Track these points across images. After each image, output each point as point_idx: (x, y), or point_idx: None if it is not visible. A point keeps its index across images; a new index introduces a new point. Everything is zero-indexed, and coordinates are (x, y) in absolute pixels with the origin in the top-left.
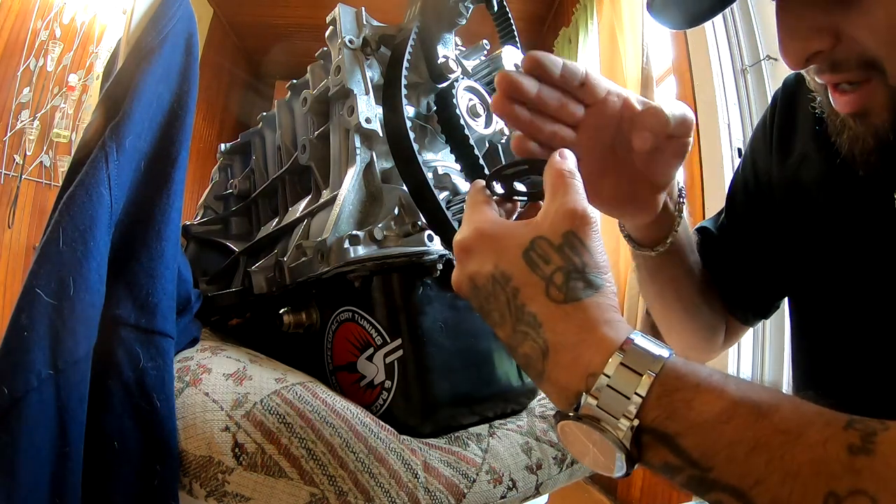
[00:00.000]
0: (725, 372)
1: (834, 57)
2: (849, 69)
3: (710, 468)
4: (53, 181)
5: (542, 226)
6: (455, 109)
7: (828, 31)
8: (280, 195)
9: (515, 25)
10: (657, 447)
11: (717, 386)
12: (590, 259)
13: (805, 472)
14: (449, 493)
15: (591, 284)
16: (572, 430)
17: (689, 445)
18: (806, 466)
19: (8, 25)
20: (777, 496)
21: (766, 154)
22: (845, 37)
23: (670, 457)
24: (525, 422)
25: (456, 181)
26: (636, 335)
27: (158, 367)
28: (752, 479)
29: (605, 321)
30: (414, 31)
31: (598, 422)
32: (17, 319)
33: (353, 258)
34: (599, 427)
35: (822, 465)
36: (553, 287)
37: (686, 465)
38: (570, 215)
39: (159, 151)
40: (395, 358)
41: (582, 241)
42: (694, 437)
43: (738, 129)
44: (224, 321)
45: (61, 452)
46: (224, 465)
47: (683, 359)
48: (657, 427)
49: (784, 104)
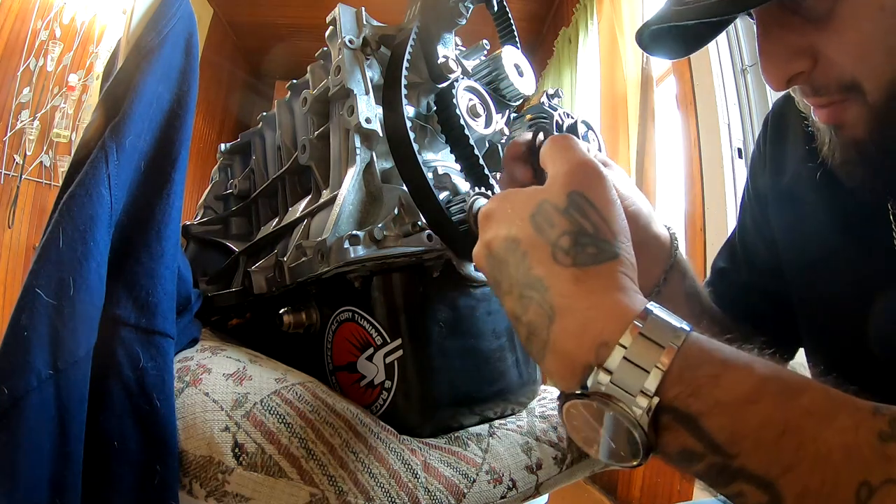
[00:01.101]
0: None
1: (814, 80)
2: (829, 93)
3: (735, 455)
4: (53, 181)
5: (549, 189)
6: (455, 109)
7: (806, 53)
8: (280, 195)
9: (515, 25)
10: (677, 430)
11: (745, 363)
12: (601, 222)
13: (837, 459)
14: (449, 493)
15: (604, 251)
16: (580, 411)
17: (715, 427)
18: (837, 452)
19: (8, 25)
20: (808, 486)
21: (763, 178)
22: (823, 58)
23: (691, 441)
24: (525, 422)
25: (456, 181)
26: (654, 306)
27: (158, 367)
28: (782, 466)
29: (620, 287)
30: (414, 31)
31: (611, 399)
32: (17, 319)
33: (353, 258)
34: (614, 406)
35: (854, 451)
36: (560, 251)
37: (708, 452)
38: (573, 173)
39: (159, 151)
40: (395, 358)
41: (590, 202)
42: (720, 418)
43: (738, 129)
44: (224, 321)
45: (61, 452)
46: (224, 465)
47: (706, 335)
48: (679, 406)
49: (774, 126)
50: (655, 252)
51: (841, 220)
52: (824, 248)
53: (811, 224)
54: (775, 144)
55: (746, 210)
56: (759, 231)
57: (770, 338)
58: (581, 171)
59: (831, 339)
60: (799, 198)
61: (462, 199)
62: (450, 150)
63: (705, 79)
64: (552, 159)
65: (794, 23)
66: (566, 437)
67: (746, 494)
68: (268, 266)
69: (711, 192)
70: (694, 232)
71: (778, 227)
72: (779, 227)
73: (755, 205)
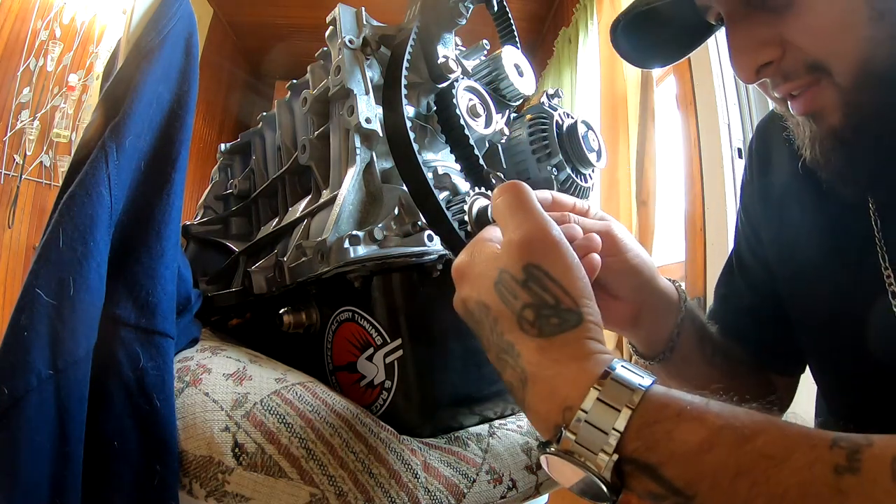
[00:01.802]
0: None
1: (783, 68)
2: (798, 76)
3: (693, 496)
4: (53, 181)
5: (505, 258)
6: (455, 109)
7: (773, 43)
8: (280, 195)
9: (515, 25)
10: (640, 477)
11: (698, 414)
12: (561, 293)
13: (791, 496)
14: (449, 493)
15: (567, 321)
16: (555, 462)
17: (672, 475)
18: (792, 490)
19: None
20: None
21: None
22: (790, 46)
23: (653, 486)
24: (525, 422)
25: (456, 181)
26: (617, 364)
27: (158, 367)
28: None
29: (584, 355)
30: (414, 31)
31: (577, 456)
32: (17, 319)
33: (353, 258)
34: (579, 462)
35: (808, 488)
36: (525, 322)
37: (670, 494)
38: (526, 243)
39: (159, 151)
40: (395, 358)
41: (548, 274)
42: (676, 467)
43: (738, 129)
44: (224, 321)
45: (61, 452)
46: (224, 465)
47: (665, 387)
48: (638, 458)
49: (759, 147)
50: (663, 305)
51: (828, 235)
52: (814, 265)
53: (800, 241)
54: (761, 166)
55: (740, 235)
56: (754, 253)
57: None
58: (534, 241)
59: (831, 355)
60: (787, 216)
61: (462, 199)
62: (450, 150)
63: (705, 79)
64: (503, 218)
65: (760, 16)
66: None
67: None
68: (268, 266)
69: (711, 192)
70: (694, 232)
71: (770, 247)
72: (771, 247)
73: (748, 228)
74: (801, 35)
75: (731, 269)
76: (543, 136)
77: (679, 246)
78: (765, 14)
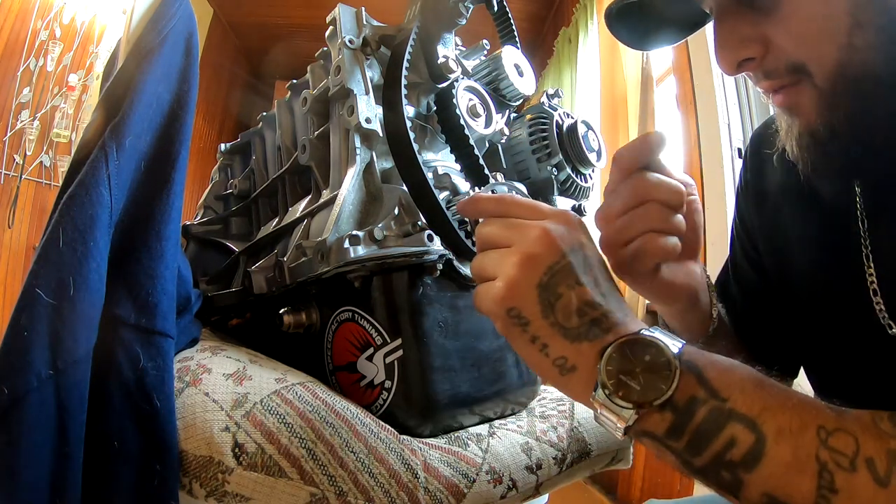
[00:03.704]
0: None
1: (765, 66)
2: (779, 75)
3: (727, 399)
4: (53, 181)
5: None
6: (455, 109)
7: (756, 41)
8: (280, 195)
9: (515, 25)
10: (688, 376)
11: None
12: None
13: (798, 405)
14: (449, 493)
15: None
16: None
17: (712, 376)
18: (798, 404)
19: (8, 25)
20: (781, 424)
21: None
22: (772, 45)
23: (697, 388)
24: (525, 422)
25: (456, 181)
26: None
27: (158, 367)
28: (760, 406)
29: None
30: (414, 31)
31: (658, 341)
32: (17, 319)
33: (353, 258)
34: (658, 344)
35: (812, 405)
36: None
37: (709, 396)
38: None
39: (159, 151)
40: (395, 358)
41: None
42: (715, 371)
43: (738, 129)
44: (224, 321)
45: (61, 452)
46: (224, 465)
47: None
48: (689, 360)
49: (753, 154)
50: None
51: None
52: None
53: (793, 247)
54: (756, 172)
55: (735, 241)
56: (749, 259)
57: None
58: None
59: (823, 358)
60: (781, 222)
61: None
62: (450, 150)
63: (705, 79)
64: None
65: (747, 13)
66: (566, 437)
67: (737, 437)
68: (268, 266)
69: (711, 192)
70: None
71: (765, 253)
72: (765, 253)
73: (743, 234)
74: (783, 37)
75: (726, 274)
76: (543, 135)
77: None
78: (752, 12)
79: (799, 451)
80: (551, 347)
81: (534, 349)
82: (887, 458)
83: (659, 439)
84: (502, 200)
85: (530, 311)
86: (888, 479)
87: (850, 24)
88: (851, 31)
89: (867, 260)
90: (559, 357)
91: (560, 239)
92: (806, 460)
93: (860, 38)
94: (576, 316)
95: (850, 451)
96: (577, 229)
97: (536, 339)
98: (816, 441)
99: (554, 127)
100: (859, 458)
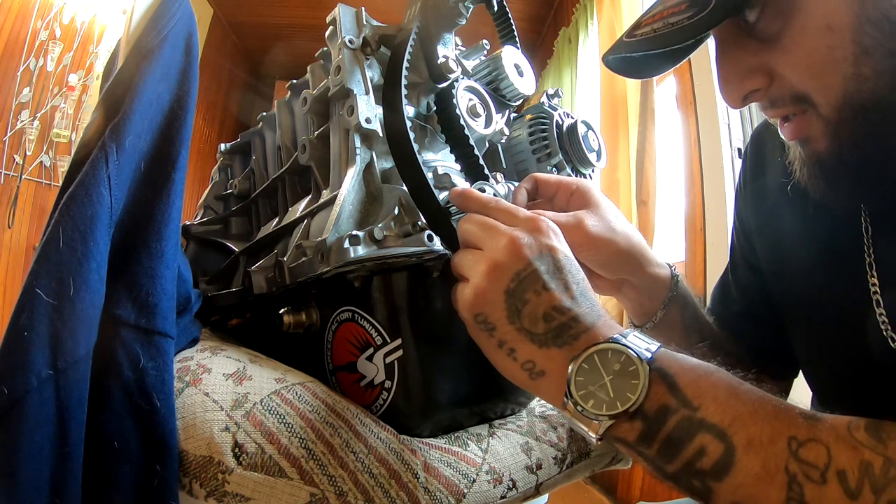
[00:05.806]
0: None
1: (770, 95)
2: (784, 105)
3: (698, 407)
4: (53, 181)
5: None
6: (455, 109)
7: (760, 72)
8: (280, 195)
9: (515, 25)
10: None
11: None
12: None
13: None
14: (449, 493)
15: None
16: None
17: (684, 383)
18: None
19: (8, 25)
20: (751, 434)
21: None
22: (777, 76)
23: (668, 397)
24: (525, 422)
25: (456, 181)
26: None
27: (158, 367)
28: (731, 415)
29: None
30: (414, 31)
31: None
32: (17, 319)
33: (353, 258)
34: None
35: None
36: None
37: (680, 406)
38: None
39: (159, 151)
40: (395, 358)
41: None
42: (687, 377)
43: (738, 129)
44: (224, 321)
45: (61, 452)
46: (224, 465)
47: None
48: (661, 367)
49: (753, 154)
50: (650, 287)
51: (819, 243)
52: (804, 272)
53: (791, 249)
54: (755, 173)
55: (735, 240)
56: (747, 260)
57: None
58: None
59: (822, 361)
60: (779, 223)
61: None
62: (450, 150)
63: (705, 79)
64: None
65: (749, 44)
66: (566, 437)
67: (707, 447)
68: (268, 266)
69: (711, 192)
70: (694, 232)
71: (762, 254)
72: (763, 253)
73: (741, 234)
74: (787, 68)
75: (726, 274)
76: (543, 136)
77: (679, 246)
78: (754, 42)
79: (768, 463)
80: (518, 352)
81: (501, 353)
82: (859, 470)
83: (631, 445)
84: (484, 202)
85: (496, 316)
86: (859, 492)
87: (855, 52)
88: (858, 60)
89: (870, 269)
90: (527, 361)
91: (527, 247)
92: (775, 472)
93: (867, 67)
94: (542, 321)
95: (822, 462)
96: (547, 235)
97: (503, 343)
98: (787, 452)
99: (554, 127)
100: (830, 471)
